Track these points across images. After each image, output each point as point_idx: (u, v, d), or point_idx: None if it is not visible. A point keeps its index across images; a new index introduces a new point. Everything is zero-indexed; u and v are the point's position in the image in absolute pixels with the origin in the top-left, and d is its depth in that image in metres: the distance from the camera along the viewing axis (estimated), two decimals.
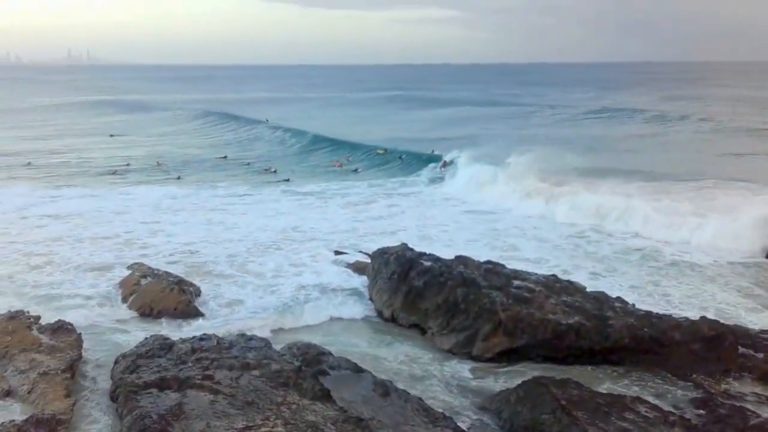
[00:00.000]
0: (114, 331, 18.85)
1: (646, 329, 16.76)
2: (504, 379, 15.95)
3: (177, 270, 23.34)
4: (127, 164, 50.46)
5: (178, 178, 45.23)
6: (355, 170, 49.28)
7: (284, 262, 25.11)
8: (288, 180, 44.83)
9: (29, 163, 50.87)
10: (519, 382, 14.78)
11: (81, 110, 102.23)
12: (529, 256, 25.97)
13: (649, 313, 17.77)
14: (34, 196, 38.08)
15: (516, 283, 18.65)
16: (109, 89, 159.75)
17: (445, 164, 46.23)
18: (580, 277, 22.12)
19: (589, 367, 16.53)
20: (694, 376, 15.81)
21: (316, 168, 51.13)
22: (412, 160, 49.78)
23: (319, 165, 52.47)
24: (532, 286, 18.45)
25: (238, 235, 29.13)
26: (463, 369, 16.67)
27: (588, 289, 19.32)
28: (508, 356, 16.88)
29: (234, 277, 23.58)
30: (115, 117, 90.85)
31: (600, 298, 18.50)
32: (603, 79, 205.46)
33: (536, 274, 19.86)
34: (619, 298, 18.76)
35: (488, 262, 20.60)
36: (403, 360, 17.23)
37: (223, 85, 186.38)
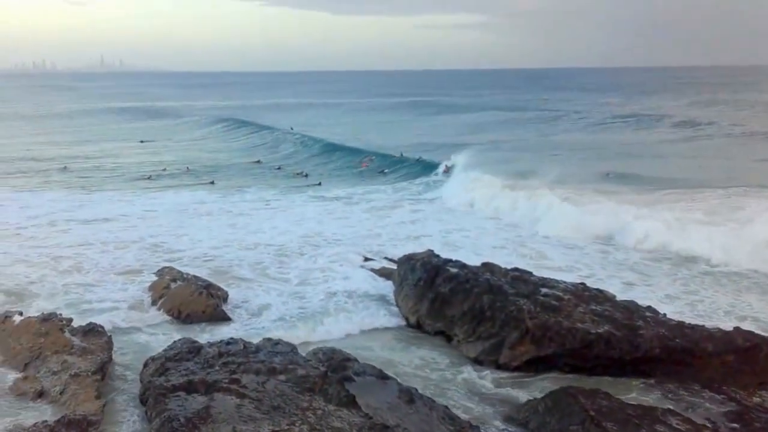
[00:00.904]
0: (143, 334, 19.06)
1: (677, 340, 16.48)
2: (531, 389, 15.78)
3: (202, 275, 23.45)
4: (164, 169, 50.85)
5: (212, 182, 45.49)
6: (382, 171, 49.41)
7: (309, 268, 25.16)
8: (320, 184, 45.05)
9: (65, 167, 51.49)
10: (547, 391, 14.64)
11: (113, 116, 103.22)
12: (560, 264, 25.73)
13: (680, 323, 17.49)
14: (66, 200, 38.50)
15: (544, 290, 18.47)
16: (139, 96, 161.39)
17: (447, 169, 46.19)
18: (613, 286, 21.88)
19: (619, 378, 16.27)
20: (727, 388, 15.46)
21: (343, 172, 51.21)
22: (431, 166, 49.48)
23: (345, 168, 52.52)
24: (560, 294, 18.27)
25: (263, 240, 29.22)
26: (489, 377, 16.54)
27: (620, 298, 19.09)
28: (536, 365, 16.72)
29: (259, 282, 23.68)
30: (145, 123, 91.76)
31: (630, 307, 18.25)
32: (632, 83, 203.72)
33: (564, 282, 19.65)
34: (650, 308, 18.49)
35: (515, 269, 20.49)
36: (429, 367, 17.17)
37: (251, 92, 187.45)
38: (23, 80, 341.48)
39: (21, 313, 19.06)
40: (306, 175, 48.96)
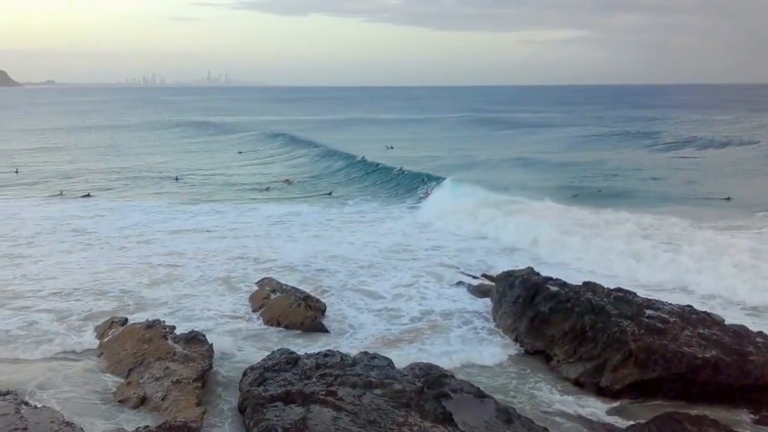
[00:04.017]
0: (243, 342, 19.37)
1: None
2: (634, 414, 15.17)
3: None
4: (286, 180, 51.80)
5: (329, 194, 46.19)
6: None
7: (403, 283, 25.02)
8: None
9: (177, 178, 52.93)
10: (650, 417, 14.05)
11: (210, 128, 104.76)
12: (667, 285, 24.52)
13: None
14: (171, 210, 39.80)
15: (648, 312, 17.79)
16: (239, 110, 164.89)
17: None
18: (733, 313, 20.96)
19: (727, 407, 15.46)
20: None
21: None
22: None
23: None
24: (665, 316, 17.55)
25: (355, 253, 29.33)
26: (589, 400, 16.03)
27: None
28: (639, 390, 16.08)
29: (351, 296, 23.76)
30: (241, 134, 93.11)
31: (740, 332, 17.37)
32: (740, 100, 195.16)
33: (670, 303, 18.91)
34: (761, 333, 17.54)
35: (618, 289, 19.84)
36: (527, 387, 16.81)
37: (350, 106, 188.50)
38: (130, 94, 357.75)
39: (126, 320, 19.80)
40: (402, 172, 49.71)
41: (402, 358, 17.49)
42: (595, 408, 15.66)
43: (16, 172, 55.76)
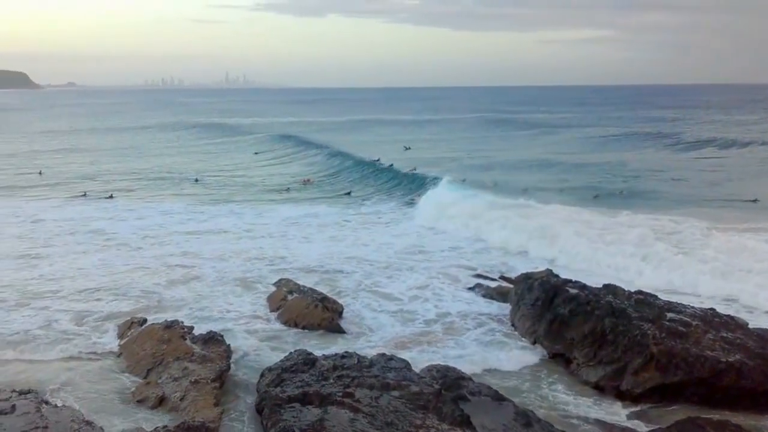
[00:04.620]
0: (260, 343, 19.35)
1: None
2: (655, 419, 14.99)
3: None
4: (306, 180, 52.26)
5: (348, 193, 46.58)
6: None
7: (418, 285, 24.93)
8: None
9: (197, 180, 52.98)
10: (672, 422, 13.86)
11: (225, 130, 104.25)
12: (694, 289, 24.15)
13: None
14: (189, 212, 39.89)
15: (669, 315, 17.55)
16: (257, 112, 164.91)
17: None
18: (757, 317, 20.62)
19: (751, 412, 15.19)
20: None
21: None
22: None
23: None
24: (687, 319, 17.31)
25: (370, 254, 29.35)
26: (609, 404, 15.86)
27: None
28: (661, 394, 15.86)
29: (366, 297, 23.73)
30: (257, 135, 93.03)
31: (764, 335, 17.10)
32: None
33: (692, 306, 18.65)
34: None
35: (639, 291, 19.59)
36: (545, 390, 16.66)
37: (368, 107, 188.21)
38: (148, 95, 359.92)
39: (145, 321, 19.87)
40: (415, 170, 50.45)
41: (419, 360, 17.44)
42: (616, 412, 15.49)
43: (40, 173, 56.33)
